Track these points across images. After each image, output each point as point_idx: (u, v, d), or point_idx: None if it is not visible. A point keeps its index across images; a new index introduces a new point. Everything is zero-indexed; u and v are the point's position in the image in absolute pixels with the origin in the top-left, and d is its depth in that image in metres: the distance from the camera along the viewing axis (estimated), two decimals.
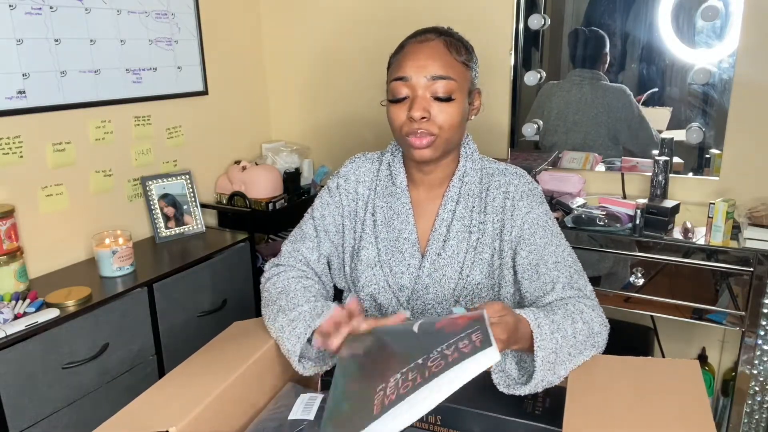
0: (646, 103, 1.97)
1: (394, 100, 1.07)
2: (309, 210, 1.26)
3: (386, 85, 1.11)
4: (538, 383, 0.90)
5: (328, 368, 1.04)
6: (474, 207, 1.14)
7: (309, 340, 1.01)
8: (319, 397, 0.94)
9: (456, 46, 1.07)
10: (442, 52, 1.05)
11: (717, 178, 1.91)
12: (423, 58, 1.04)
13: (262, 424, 0.91)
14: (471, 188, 1.14)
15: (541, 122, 2.13)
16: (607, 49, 1.98)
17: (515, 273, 1.13)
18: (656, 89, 1.95)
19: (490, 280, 1.14)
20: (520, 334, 0.90)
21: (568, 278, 1.07)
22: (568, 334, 0.94)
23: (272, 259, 1.25)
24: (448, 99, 1.04)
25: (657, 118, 1.96)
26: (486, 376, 0.93)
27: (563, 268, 1.08)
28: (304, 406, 0.91)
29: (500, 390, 0.92)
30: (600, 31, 1.97)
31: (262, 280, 1.21)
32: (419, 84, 1.04)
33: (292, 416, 0.90)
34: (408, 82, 1.05)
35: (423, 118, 1.04)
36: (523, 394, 0.91)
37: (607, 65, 2.00)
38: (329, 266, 1.25)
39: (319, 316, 1.00)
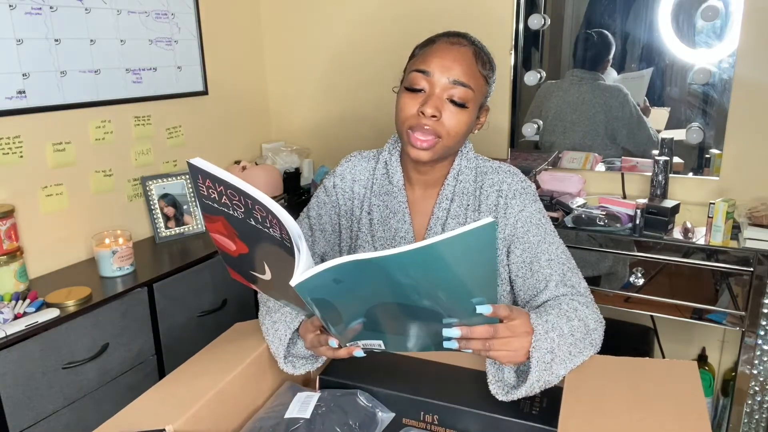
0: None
1: (410, 89, 1.06)
2: (305, 209, 1.26)
3: (403, 72, 1.10)
4: (533, 384, 0.88)
5: (320, 365, 1.04)
6: (468, 205, 1.14)
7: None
8: (316, 395, 0.94)
9: (483, 59, 1.08)
10: (470, 61, 1.05)
11: (717, 178, 1.91)
12: (450, 60, 1.04)
13: (259, 422, 0.91)
14: (466, 186, 1.14)
15: (540, 122, 2.13)
16: (611, 56, 1.98)
17: (509, 271, 1.13)
18: (645, 98, 1.96)
19: None
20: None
21: (561, 276, 1.06)
22: (564, 332, 0.93)
23: None
24: (462, 105, 1.05)
25: (655, 117, 1.96)
26: (484, 376, 0.93)
27: (556, 265, 1.07)
28: (301, 405, 0.92)
29: (499, 399, 0.91)
30: (609, 36, 1.97)
31: None
32: (439, 83, 1.04)
33: (288, 414, 0.90)
34: (429, 78, 1.05)
35: (433, 116, 1.04)
36: (520, 397, 0.90)
37: (606, 69, 2.00)
38: None
39: (299, 316, 1.01)
